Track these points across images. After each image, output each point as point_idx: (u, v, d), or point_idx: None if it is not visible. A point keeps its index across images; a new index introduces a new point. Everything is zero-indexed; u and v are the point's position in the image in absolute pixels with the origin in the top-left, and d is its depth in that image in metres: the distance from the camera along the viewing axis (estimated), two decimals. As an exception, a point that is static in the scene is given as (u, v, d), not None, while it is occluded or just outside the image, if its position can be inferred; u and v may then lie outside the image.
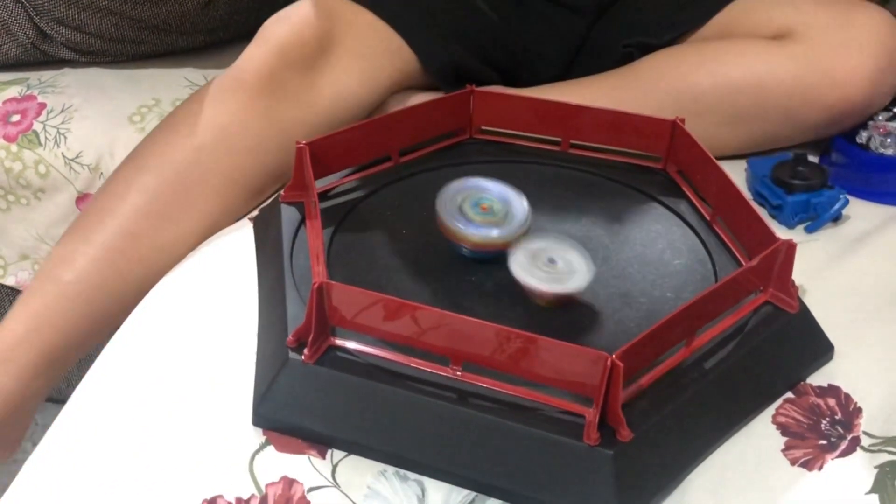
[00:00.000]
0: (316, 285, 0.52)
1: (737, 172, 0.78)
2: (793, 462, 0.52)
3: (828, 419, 0.54)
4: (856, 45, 0.73)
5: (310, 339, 0.53)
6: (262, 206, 0.74)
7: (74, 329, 0.68)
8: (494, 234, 0.60)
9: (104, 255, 0.68)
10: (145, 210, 0.69)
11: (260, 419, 0.54)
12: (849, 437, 0.53)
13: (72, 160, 0.85)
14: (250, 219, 0.73)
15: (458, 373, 0.53)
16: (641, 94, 0.78)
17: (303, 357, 0.53)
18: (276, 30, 0.74)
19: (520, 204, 0.62)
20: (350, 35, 0.77)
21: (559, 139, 0.75)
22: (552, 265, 0.57)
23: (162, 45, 0.94)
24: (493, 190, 0.63)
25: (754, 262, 0.55)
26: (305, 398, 0.53)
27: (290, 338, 0.55)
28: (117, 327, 0.64)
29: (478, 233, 0.61)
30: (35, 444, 0.56)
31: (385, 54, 0.79)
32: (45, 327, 0.67)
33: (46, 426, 0.56)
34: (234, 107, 0.71)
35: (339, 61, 0.76)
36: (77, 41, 0.91)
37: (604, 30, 0.87)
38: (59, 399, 0.76)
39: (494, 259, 0.61)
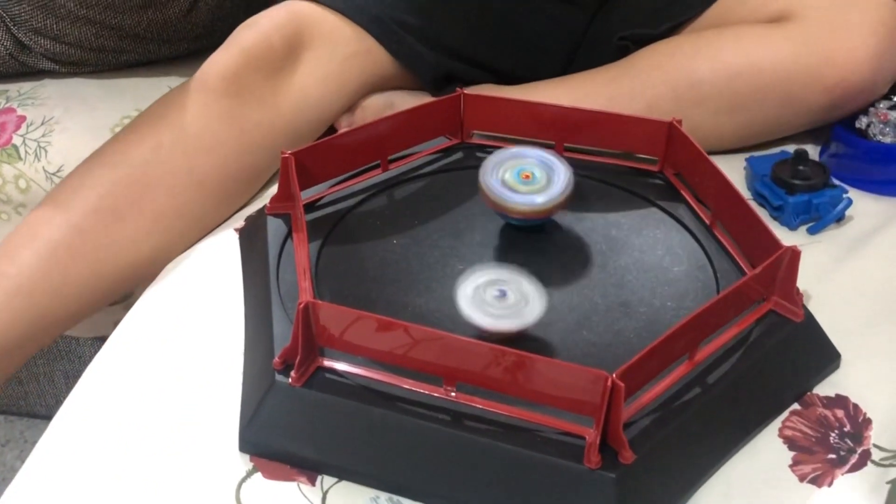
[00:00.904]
0: (302, 305, 0.50)
1: (736, 170, 0.76)
2: (801, 478, 0.50)
3: (836, 432, 0.52)
4: (856, 25, 0.71)
5: (297, 360, 0.51)
6: (248, 216, 0.72)
7: (12, 325, 0.65)
8: (539, 201, 0.61)
9: (48, 249, 0.66)
10: (95, 206, 0.67)
11: (246, 445, 0.52)
12: (859, 450, 0.51)
13: (53, 174, 0.83)
14: (236, 230, 0.71)
15: (452, 394, 0.51)
16: (638, 84, 0.76)
17: (290, 379, 0.51)
18: (244, 34, 0.73)
19: (561, 168, 0.63)
20: (320, 40, 0.76)
21: (553, 142, 0.73)
22: (502, 299, 0.54)
23: (144, 53, 0.92)
24: (534, 157, 0.64)
25: (758, 270, 0.53)
26: (294, 422, 0.51)
27: (276, 359, 0.53)
28: (63, 328, 0.62)
29: (522, 201, 0.61)
30: (24, 462, 0.54)
31: (355, 59, 0.77)
32: None
33: (35, 443, 0.55)
34: (195, 108, 0.70)
35: (305, 66, 0.75)
36: (56, 51, 0.89)
37: (600, 24, 0.85)
38: (48, 416, 0.74)
39: (541, 227, 0.64)
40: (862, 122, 0.76)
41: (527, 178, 0.62)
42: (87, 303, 0.69)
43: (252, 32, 0.73)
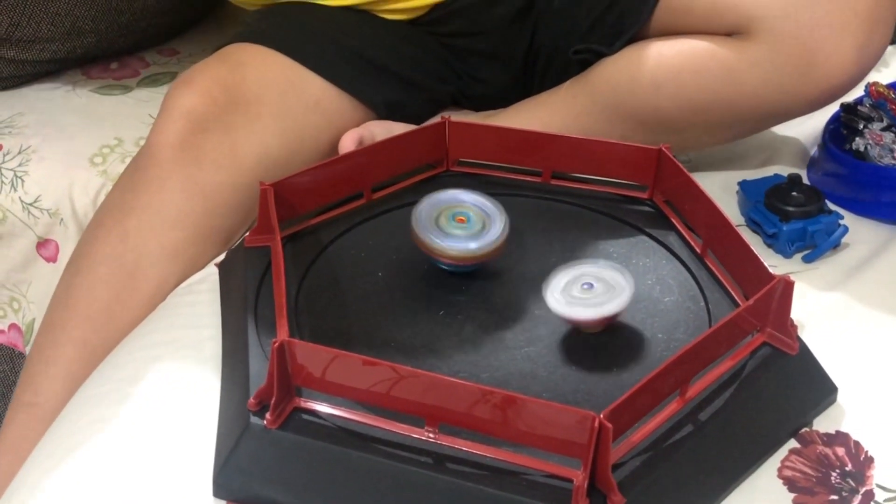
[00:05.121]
0: (276, 344, 0.48)
1: (728, 195, 0.75)
2: (802, 521, 0.48)
3: (838, 471, 0.50)
4: (826, 28, 0.63)
5: (272, 401, 0.49)
6: (228, 249, 0.70)
7: None
8: (472, 246, 0.59)
9: (61, 369, 0.66)
10: (86, 314, 0.67)
11: (221, 490, 0.50)
12: (861, 490, 0.49)
13: (30, 205, 0.81)
14: (216, 264, 0.69)
15: (434, 435, 0.48)
16: (607, 119, 0.73)
17: (265, 421, 0.49)
18: (182, 95, 0.70)
19: (497, 214, 0.61)
20: (268, 91, 0.73)
21: (540, 170, 0.71)
22: (589, 290, 0.55)
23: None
24: (470, 201, 0.62)
25: (750, 302, 0.52)
26: (270, 466, 0.49)
27: (251, 400, 0.50)
28: None
29: (455, 246, 0.59)
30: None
31: (306, 112, 0.75)
32: (23, 455, 0.63)
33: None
34: (152, 184, 0.68)
35: (259, 120, 0.72)
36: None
37: (548, 32, 0.82)
38: None
39: (474, 272, 0.61)
40: (859, 145, 0.74)
41: (461, 221, 0.60)
42: None
43: (190, 91, 0.70)
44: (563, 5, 0.80)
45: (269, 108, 0.73)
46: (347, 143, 0.75)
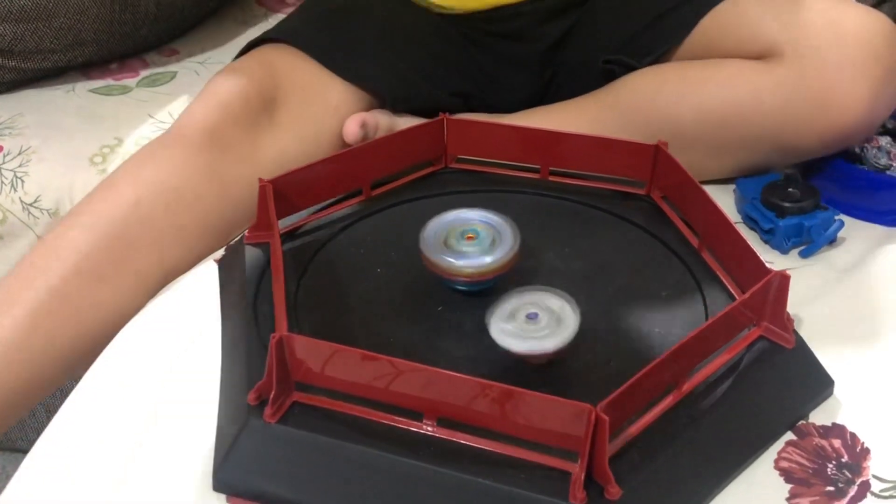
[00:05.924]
0: (275, 339, 0.48)
1: (725, 192, 0.75)
2: (798, 512, 0.48)
3: (834, 462, 0.51)
4: (849, 66, 0.66)
5: (271, 396, 0.50)
6: (227, 245, 0.71)
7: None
8: (488, 260, 0.58)
9: (30, 315, 0.64)
10: (76, 269, 0.65)
11: (221, 484, 0.50)
12: (858, 481, 0.49)
13: (30, 205, 0.82)
14: (216, 260, 0.69)
15: (432, 428, 0.49)
16: (619, 127, 0.74)
17: (265, 416, 0.50)
18: (222, 86, 0.72)
19: (506, 226, 0.60)
20: (294, 96, 0.76)
21: (538, 167, 0.72)
22: (533, 322, 0.53)
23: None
24: (476, 218, 0.61)
25: (746, 296, 0.52)
26: (269, 460, 0.49)
27: (250, 395, 0.51)
28: (50, 389, 0.60)
29: (470, 263, 0.58)
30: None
31: (325, 117, 0.77)
32: None
33: (10, 476, 0.54)
34: (174, 162, 0.68)
35: (282, 121, 0.74)
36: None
37: (579, 47, 0.84)
38: (26, 450, 0.74)
39: (491, 289, 0.58)
40: (855, 147, 0.75)
41: (471, 239, 0.59)
42: (73, 365, 0.67)
43: (230, 85, 0.72)
44: (603, 25, 0.82)
45: (292, 111, 0.75)
46: (352, 126, 0.76)
